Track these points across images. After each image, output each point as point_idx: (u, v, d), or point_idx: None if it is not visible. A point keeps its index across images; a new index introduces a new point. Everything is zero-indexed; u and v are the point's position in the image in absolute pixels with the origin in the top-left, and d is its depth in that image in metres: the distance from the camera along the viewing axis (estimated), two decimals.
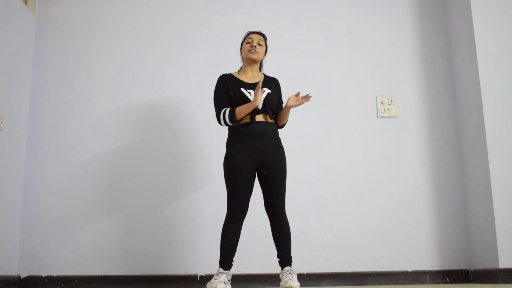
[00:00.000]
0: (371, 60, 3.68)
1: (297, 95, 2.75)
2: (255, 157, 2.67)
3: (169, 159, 3.44)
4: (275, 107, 2.81)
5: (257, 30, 2.91)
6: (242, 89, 2.74)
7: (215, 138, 2.82)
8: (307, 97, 2.74)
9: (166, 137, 3.47)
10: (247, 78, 2.82)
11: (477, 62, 3.33)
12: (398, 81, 3.66)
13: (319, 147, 3.52)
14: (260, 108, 2.72)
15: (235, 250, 2.67)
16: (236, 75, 2.85)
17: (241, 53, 2.91)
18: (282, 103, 2.90)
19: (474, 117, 3.38)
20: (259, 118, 2.72)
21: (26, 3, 3.48)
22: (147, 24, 3.64)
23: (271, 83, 2.86)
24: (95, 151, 3.43)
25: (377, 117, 3.60)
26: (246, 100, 2.71)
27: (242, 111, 2.69)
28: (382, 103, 3.60)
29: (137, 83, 3.55)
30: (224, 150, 2.76)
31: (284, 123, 2.87)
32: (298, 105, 2.76)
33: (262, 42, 2.85)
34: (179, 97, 3.53)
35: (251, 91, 2.74)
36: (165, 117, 3.50)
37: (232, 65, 3.01)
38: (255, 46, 2.80)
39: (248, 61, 2.84)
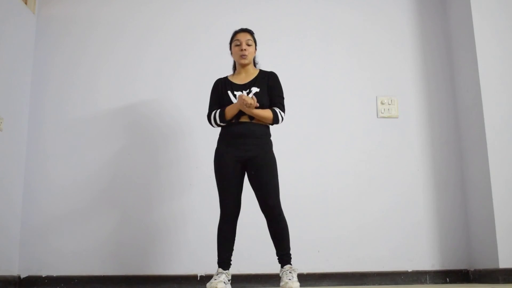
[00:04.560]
0: (371, 60, 3.67)
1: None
2: (238, 157, 2.68)
3: (169, 160, 3.44)
4: (266, 105, 2.74)
5: (243, 28, 2.87)
6: (228, 92, 2.77)
7: (214, 139, 2.82)
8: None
9: (166, 137, 3.47)
10: (240, 79, 2.83)
11: (477, 62, 3.33)
12: (398, 81, 3.66)
13: (319, 147, 3.51)
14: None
15: (232, 249, 2.68)
16: (230, 78, 2.86)
17: (231, 53, 2.90)
18: (280, 97, 2.80)
19: (474, 117, 3.38)
20: (244, 118, 2.71)
21: (26, 3, 3.48)
22: (148, 24, 3.64)
23: (263, 79, 2.81)
24: (95, 151, 3.43)
25: (377, 117, 3.59)
26: (231, 103, 2.73)
27: (229, 109, 2.70)
28: (382, 103, 3.60)
29: (137, 83, 3.55)
30: None
31: (268, 122, 2.74)
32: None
33: (250, 42, 2.81)
34: (179, 97, 3.53)
35: (239, 92, 2.74)
36: (165, 117, 3.50)
37: (232, 66, 3.00)
38: (245, 49, 2.78)
39: (240, 64, 2.84)
